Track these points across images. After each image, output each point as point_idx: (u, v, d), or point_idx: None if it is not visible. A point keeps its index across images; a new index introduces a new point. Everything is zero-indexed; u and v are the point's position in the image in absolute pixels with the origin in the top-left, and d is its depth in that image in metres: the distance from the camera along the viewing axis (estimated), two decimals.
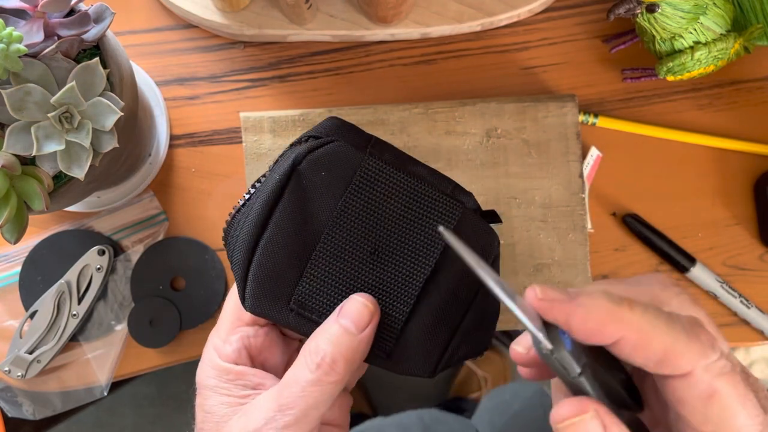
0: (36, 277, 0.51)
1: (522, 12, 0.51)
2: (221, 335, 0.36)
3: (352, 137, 0.35)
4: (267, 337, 0.37)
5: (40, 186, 0.38)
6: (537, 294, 0.25)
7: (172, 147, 0.53)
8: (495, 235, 0.36)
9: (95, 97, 0.38)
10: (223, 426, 0.33)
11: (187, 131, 0.53)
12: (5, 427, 0.55)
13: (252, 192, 0.35)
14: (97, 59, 0.38)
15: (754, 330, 0.52)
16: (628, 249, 0.52)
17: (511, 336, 1.09)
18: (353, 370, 0.32)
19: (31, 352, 0.50)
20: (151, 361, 0.52)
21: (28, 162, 0.39)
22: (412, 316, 0.34)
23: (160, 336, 0.51)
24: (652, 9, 0.44)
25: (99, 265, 0.50)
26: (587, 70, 0.52)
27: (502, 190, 0.48)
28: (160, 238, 0.52)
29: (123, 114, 0.38)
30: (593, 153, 0.50)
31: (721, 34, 0.46)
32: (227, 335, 0.36)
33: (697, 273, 0.51)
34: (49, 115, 0.37)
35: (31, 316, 0.50)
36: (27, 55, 0.36)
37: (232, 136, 0.53)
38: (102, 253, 0.50)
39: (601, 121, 0.51)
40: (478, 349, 0.36)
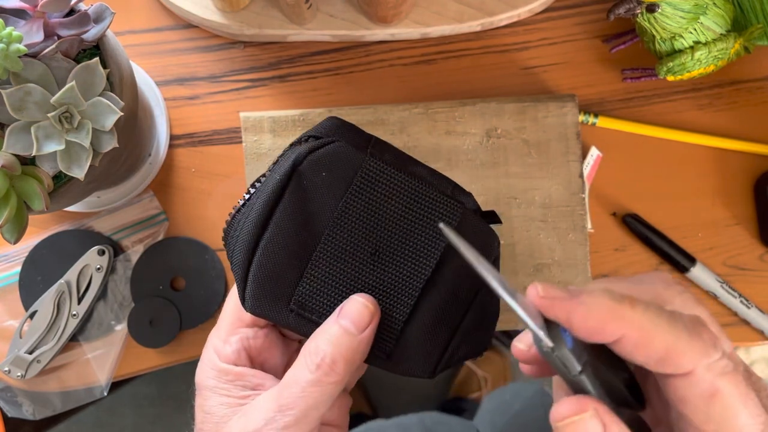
0: (36, 277, 0.51)
1: (522, 12, 0.51)
2: (221, 336, 0.36)
3: (353, 137, 0.35)
4: (267, 338, 0.37)
5: (40, 186, 0.38)
6: (538, 291, 0.25)
7: (172, 147, 0.53)
8: (495, 235, 0.36)
9: (95, 97, 0.38)
10: (222, 426, 0.33)
11: (187, 131, 0.53)
12: (5, 427, 0.54)
13: (252, 192, 0.35)
14: (97, 59, 0.38)
15: (754, 330, 0.52)
16: (628, 249, 0.52)
17: (511, 336, 1.09)
18: (353, 370, 0.32)
19: (31, 352, 0.50)
20: (151, 361, 0.52)
21: (28, 162, 0.39)
22: (412, 316, 0.34)
23: (160, 336, 0.51)
24: (652, 9, 0.44)
25: (99, 265, 0.50)
26: (587, 70, 0.52)
27: (502, 190, 0.48)
28: (160, 238, 0.52)
29: (123, 114, 0.38)
30: (593, 153, 0.50)
31: (721, 34, 0.46)
32: (227, 336, 0.36)
33: (697, 273, 0.51)
34: (49, 115, 0.37)
35: (31, 316, 0.50)
36: (27, 55, 0.36)
37: (232, 136, 0.53)
38: (102, 253, 0.50)
39: (601, 121, 0.51)
40: (478, 349, 0.36)
